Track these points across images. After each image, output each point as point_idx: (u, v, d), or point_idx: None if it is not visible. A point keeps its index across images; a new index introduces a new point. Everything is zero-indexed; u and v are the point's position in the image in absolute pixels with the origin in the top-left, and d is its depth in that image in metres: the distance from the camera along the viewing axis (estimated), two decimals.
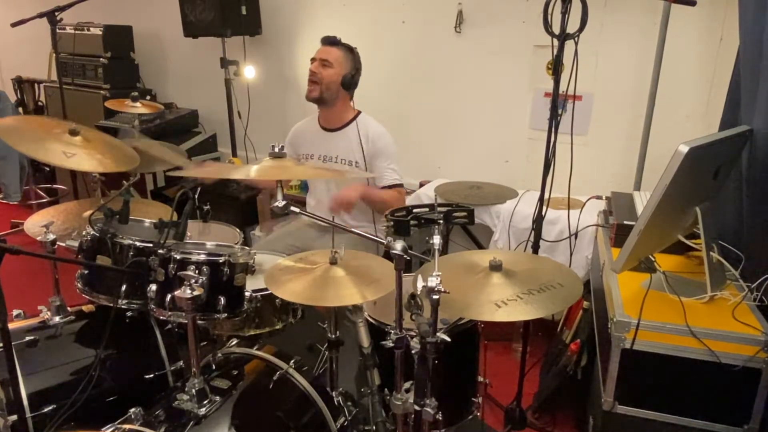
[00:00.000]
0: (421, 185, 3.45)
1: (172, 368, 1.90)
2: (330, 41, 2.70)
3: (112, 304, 1.78)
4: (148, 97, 4.56)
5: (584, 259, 2.69)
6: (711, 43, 2.79)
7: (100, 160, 2.02)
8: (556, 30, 1.94)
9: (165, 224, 1.77)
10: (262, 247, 2.82)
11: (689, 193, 1.74)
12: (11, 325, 1.60)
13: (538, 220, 2.18)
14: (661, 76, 2.86)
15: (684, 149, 1.50)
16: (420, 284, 1.37)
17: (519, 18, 3.23)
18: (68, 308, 1.92)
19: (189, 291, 1.50)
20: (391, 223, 1.99)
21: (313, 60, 2.70)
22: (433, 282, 1.34)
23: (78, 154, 1.98)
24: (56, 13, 2.89)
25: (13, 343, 1.47)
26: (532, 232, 2.22)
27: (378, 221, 2.73)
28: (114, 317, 1.77)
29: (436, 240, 1.52)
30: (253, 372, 1.81)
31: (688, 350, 1.59)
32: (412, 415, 1.54)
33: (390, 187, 2.70)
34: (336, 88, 2.66)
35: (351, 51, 2.71)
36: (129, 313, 1.86)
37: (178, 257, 1.64)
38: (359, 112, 2.77)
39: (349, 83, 2.67)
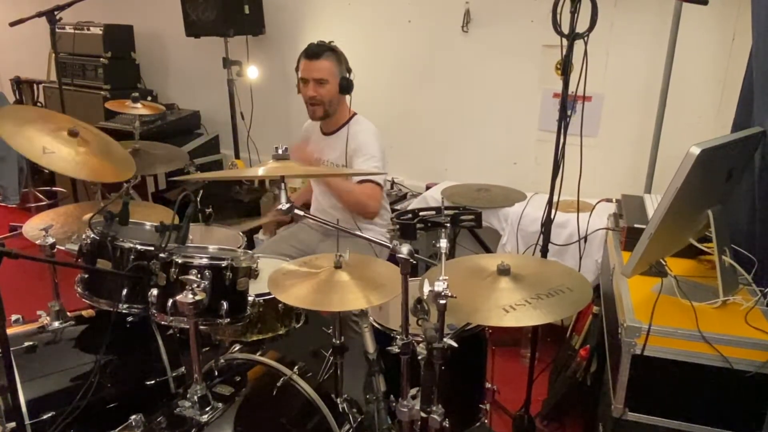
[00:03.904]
0: (428, 187, 3.44)
1: (174, 374, 1.88)
2: (314, 54, 2.54)
3: (112, 309, 1.76)
4: (149, 98, 4.54)
5: (594, 263, 2.67)
6: (723, 42, 2.77)
7: (84, 165, 2.01)
8: (566, 29, 1.93)
9: (166, 227, 1.74)
10: (265, 249, 2.80)
11: (701, 196, 1.72)
12: (10, 331, 1.57)
13: (547, 224, 2.16)
14: (673, 77, 2.84)
15: (695, 151, 1.48)
16: (426, 289, 1.36)
17: (527, 17, 3.20)
18: (68, 313, 1.90)
19: (191, 296, 1.49)
20: (397, 226, 1.98)
21: (305, 81, 2.56)
22: (439, 286, 1.33)
23: (58, 153, 1.98)
24: (55, 13, 2.89)
25: (11, 349, 1.46)
26: (541, 236, 2.21)
27: (357, 220, 2.64)
28: (114, 322, 1.77)
29: (443, 243, 1.51)
30: (256, 378, 1.79)
31: (700, 356, 1.56)
32: (419, 422, 1.53)
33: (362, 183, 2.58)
34: (337, 99, 2.60)
35: (335, 52, 2.57)
36: (130, 318, 1.84)
37: (179, 261, 1.62)
38: (354, 114, 2.71)
39: (347, 86, 2.58)
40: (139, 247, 1.74)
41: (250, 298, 1.76)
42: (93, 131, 2.24)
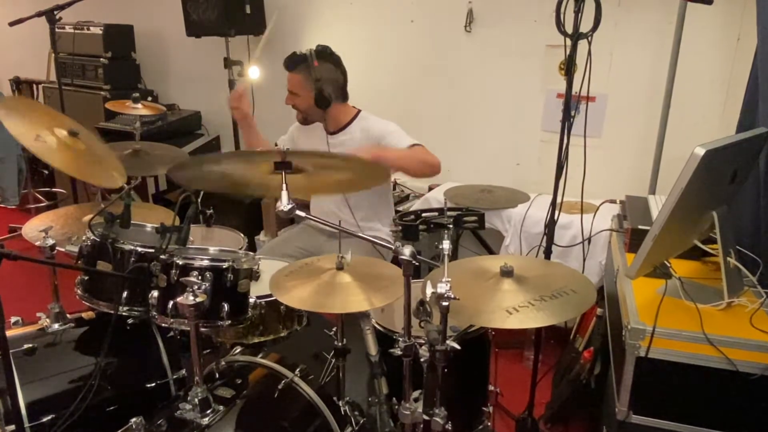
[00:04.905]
0: (430, 189, 3.43)
1: (175, 377, 1.87)
2: (286, 65, 2.59)
3: (112, 311, 1.75)
4: (149, 99, 4.51)
5: (598, 264, 2.66)
6: (728, 42, 2.76)
7: (71, 162, 2.00)
8: (569, 29, 1.92)
9: (167, 229, 1.74)
10: (267, 250, 2.78)
11: (705, 197, 1.71)
12: (9, 333, 1.57)
13: (551, 225, 2.15)
14: (677, 77, 2.83)
15: (700, 152, 1.47)
16: (429, 290, 1.35)
17: (531, 17, 3.20)
18: (68, 315, 1.89)
19: (191, 297, 1.48)
20: (400, 227, 1.97)
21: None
22: (442, 288, 1.33)
23: (49, 143, 1.95)
24: (55, 12, 2.88)
25: (11, 351, 1.45)
26: (544, 237, 2.20)
27: (385, 220, 2.66)
28: (115, 324, 1.74)
29: (446, 245, 1.50)
30: (257, 381, 1.78)
31: (705, 358, 1.55)
32: (421, 425, 1.52)
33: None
34: (314, 110, 2.59)
35: (308, 68, 2.53)
36: (130, 321, 1.82)
37: (180, 263, 1.61)
38: (359, 111, 2.70)
39: (323, 101, 2.55)
40: (139, 248, 1.74)
41: (252, 300, 1.75)
42: (93, 138, 2.22)
